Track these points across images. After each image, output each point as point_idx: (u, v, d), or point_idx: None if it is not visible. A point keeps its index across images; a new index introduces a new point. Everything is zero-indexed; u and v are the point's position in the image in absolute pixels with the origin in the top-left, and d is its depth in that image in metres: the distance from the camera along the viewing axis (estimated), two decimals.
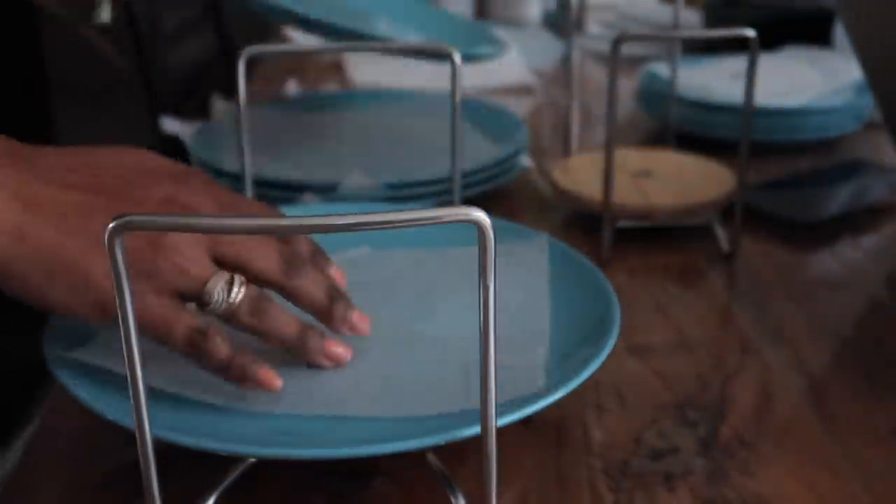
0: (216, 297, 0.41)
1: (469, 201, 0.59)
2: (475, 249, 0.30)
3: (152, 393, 0.34)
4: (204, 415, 0.42)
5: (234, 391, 0.43)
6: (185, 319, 0.41)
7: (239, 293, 0.42)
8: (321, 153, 0.81)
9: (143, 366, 0.32)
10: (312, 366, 0.45)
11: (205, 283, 0.41)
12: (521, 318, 0.49)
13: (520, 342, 0.47)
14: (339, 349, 0.45)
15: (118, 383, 0.41)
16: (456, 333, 0.49)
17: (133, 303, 0.31)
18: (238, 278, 0.42)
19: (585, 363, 0.43)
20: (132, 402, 0.32)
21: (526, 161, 0.78)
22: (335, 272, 0.48)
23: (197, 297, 0.41)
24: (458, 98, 0.57)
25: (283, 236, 0.45)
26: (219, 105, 0.90)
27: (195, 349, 0.41)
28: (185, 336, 0.40)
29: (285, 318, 0.43)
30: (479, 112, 0.86)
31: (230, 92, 0.67)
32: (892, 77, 0.63)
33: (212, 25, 1.56)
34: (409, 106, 0.93)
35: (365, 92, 1.04)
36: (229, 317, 0.42)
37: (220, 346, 0.41)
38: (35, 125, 0.60)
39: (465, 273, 0.47)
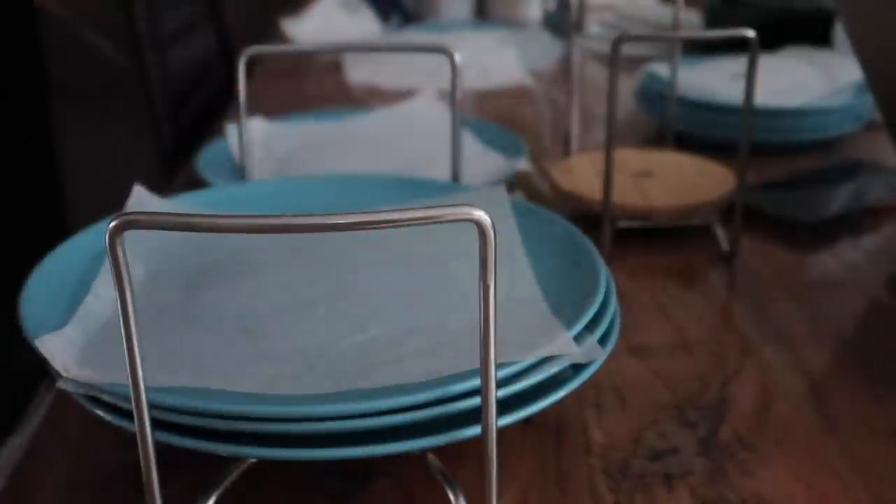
0: None
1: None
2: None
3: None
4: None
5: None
6: None
7: None
8: (322, 161, 0.81)
9: (143, 366, 0.32)
10: None
11: None
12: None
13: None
14: None
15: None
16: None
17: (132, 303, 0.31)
18: None
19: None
20: (133, 401, 0.32)
21: (525, 164, 0.78)
22: None
23: None
24: (457, 98, 0.57)
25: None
26: (233, 130, 0.88)
27: None
28: None
29: None
30: (478, 128, 0.85)
31: (230, 92, 0.67)
32: (892, 77, 0.63)
33: (212, 25, 1.56)
34: (409, 112, 0.93)
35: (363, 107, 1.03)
36: None
37: None
38: (35, 126, 0.60)
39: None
